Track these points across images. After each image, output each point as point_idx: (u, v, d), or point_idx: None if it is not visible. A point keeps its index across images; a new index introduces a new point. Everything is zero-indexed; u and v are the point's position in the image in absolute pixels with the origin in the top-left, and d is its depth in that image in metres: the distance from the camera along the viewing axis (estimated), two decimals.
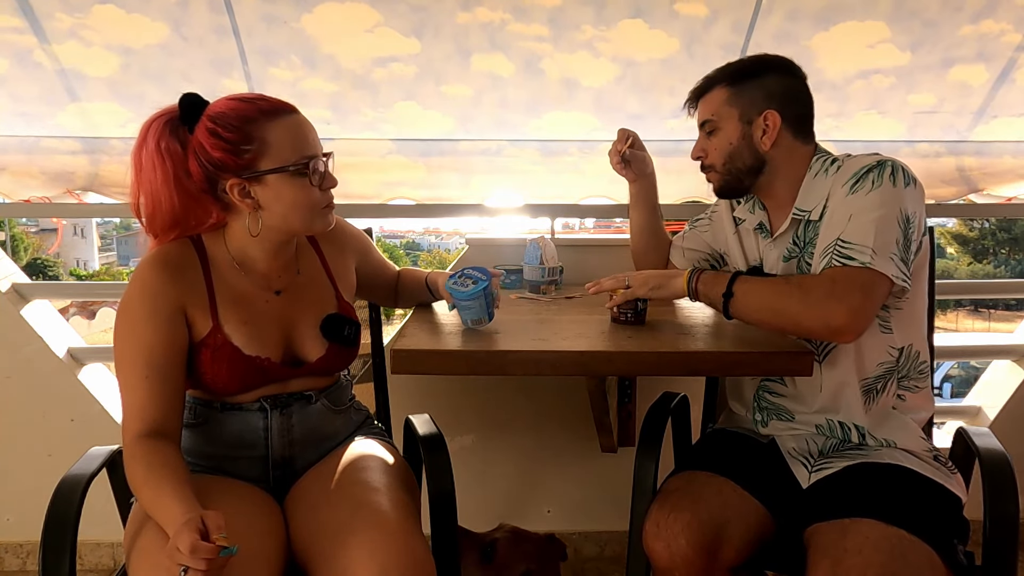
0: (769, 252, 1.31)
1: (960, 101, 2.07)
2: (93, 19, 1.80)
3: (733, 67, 1.28)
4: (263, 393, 1.15)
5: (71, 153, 2.00)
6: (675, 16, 1.85)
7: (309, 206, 1.11)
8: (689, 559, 1.08)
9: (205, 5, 1.80)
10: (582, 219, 3.36)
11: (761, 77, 1.24)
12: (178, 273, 1.10)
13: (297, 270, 1.22)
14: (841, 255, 1.11)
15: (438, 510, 1.15)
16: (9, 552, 2.01)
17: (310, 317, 1.19)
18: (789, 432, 1.28)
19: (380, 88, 2.00)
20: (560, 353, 1.09)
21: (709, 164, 1.30)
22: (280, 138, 1.07)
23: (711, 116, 1.28)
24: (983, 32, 1.91)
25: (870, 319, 1.10)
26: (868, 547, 0.99)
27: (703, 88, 1.30)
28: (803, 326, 1.10)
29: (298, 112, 1.11)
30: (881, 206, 1.10)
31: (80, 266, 34.38)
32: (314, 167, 1.09)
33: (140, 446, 1.01)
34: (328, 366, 1.19)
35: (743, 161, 1.25)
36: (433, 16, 1.85)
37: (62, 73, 1.90)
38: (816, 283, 1.11)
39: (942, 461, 1.20)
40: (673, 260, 1.58)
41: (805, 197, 1.23)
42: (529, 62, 1.95)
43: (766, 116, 1.22)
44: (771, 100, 1.23)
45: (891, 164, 1.13)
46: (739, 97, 1.24)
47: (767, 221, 1.32)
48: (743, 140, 1.24)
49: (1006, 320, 22.99)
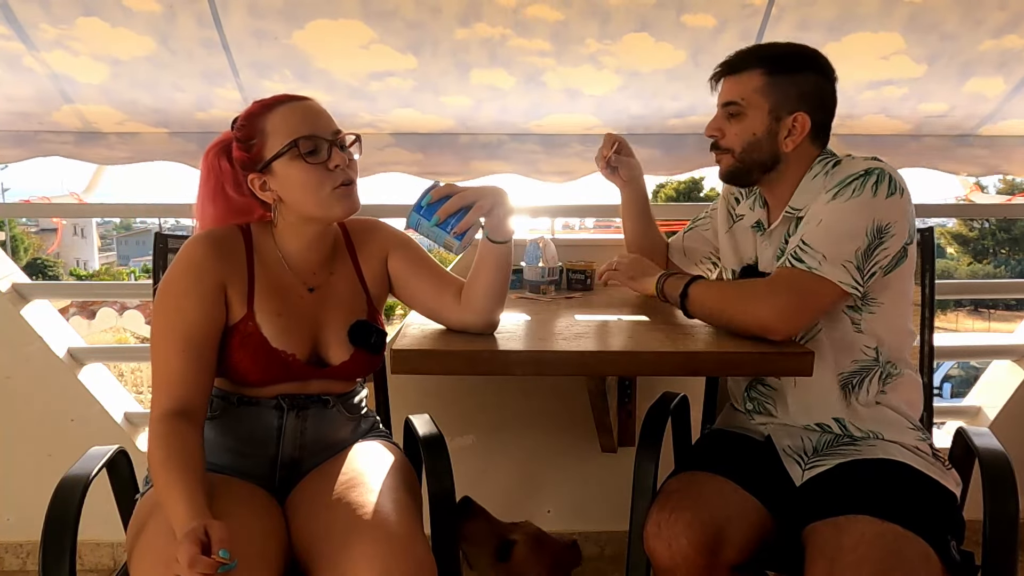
0: (764, 250, 1.31)
1: (971, 108, 2.05)
2: (78, 31, 1.76)
3: (773, 53, 1.22)
4: (282, 391, 1.15)
5: (65, 144, 1.99)
6: (682, 28, 1.81)
7: (315, 187, 1.10)
8: (690, 559, 1.08)
9: (192, 20, 1.75)
10: (582, 219, 3.35)
11: (800, 73, 1.20)
12: (223, 253, 1.13)
13: (331, 270, 1.22)
14: (795, 256, 1.15)
15: (438, 510, 1.15)
16: (9, 552, 2.01)
17: (339, 320, 1.19)
18: (783, 429, 1.28)
19: (377, 98, 1.97)
20: (560, 353, 1.09)
21: (725, 147, 1.26)
22: (277, 125, 1.10)
23: (739, 99, 1.22)
24: (1006, 47, 1.85)
25: (803, 320, 1.15)
26: (864, 544, 1.00)
27: (737, 65, 1.23)
28: (737, 323, 1.16)
29: (306, 99, 1.14)
30: (852, 215, 1.12)
31: (80, 266, 34.38)
32: (308, 146, 1.09)
33: (164, 425, 1.02)
34: (351, 371, 1.19)
35: (760, 155, 1.23)
36: (430, 32, 1.80)
37: (54, 77, 1.88)
38: (755, 286, 1.19)
39: (937, 456, 1.21)
40: (674, 260, 1.58)
41: (799, 196, 1.23)
42: (531, 76, 1.92)
43: (796, 118, 1.19)
44: (803, 101, 1.19)
45: (877, 173, 1.13)
46: (773, 89, 1.20)
47: (765, 219, 1.32)
48: (767, 135, 1.21)
49: (1006, 320, 22.98)
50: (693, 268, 1.55)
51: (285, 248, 1.19)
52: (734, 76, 1.24)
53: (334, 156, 1.11)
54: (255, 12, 1.74)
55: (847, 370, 1.23)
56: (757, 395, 1.33)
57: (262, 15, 1.75)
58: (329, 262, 1.23)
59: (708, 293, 1.21)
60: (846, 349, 1.23)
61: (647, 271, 1.36)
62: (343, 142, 1.14)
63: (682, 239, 1.57)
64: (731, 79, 1.24)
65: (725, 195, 1.47)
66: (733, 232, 1.41)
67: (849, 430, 1.23)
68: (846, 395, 1.24)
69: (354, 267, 1.25)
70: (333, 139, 1.12)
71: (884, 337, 1.23)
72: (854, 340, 1.23)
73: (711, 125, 1.28)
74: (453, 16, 1.77)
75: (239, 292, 1.12)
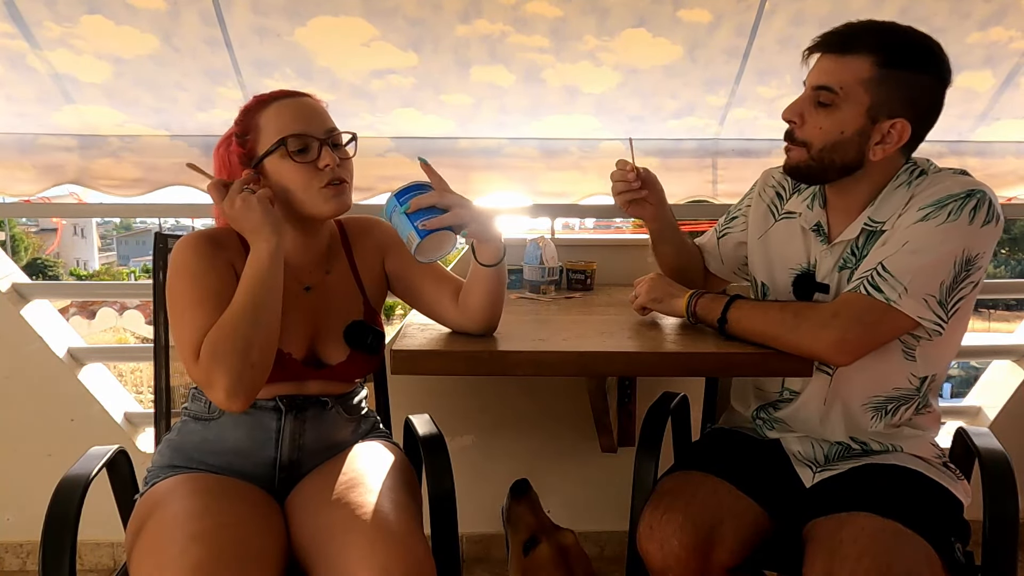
0: (824, 258, 1.17)
1: (964, 106, 2.05)
2: (82, 29, 1.77)
3: (893, 40, 1.03)
4: (280, 391, 1.14)
5: (66, 149, 1.99)
6: (678, 23, 1.82)
7: (304, 186, 1.09)
8: (682, 560, 1.07)
9: (196, 17, 1.76)
10: (582, 219, 3.36)
11: (916, 72, 1.02)
12: (221, 249, 1.11)
13: (328, 269, 1.21)
14: (872, 283, 1.04)
15: (438, 510, 1.15)
16: (9, 552, 2.01)
17: (335, 320, 1.18)
18: (794, 436, 1.26)
19: (378, 96, 1.98)
20: (560, 353, 1.09)
21: (802, 139, 1.09)
22: (269, 122, 1.10)
23: (836, 87, 1.03)
24: (992, 40, 1.88)
25: (863, 352, 1.05)
26: (864, 537, 0.99)
27: (845, 45, 1.03)
28: (789, 349, 1.06)
29: (303, 96, 1.13)
30: (943, 243, 1.01)
31: (80, 266, 34.39)
32: (297, 145, 1.08)
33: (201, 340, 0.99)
34: (348, 373, 1.18)
35: (843, 156, 1.06)
36: (431, 29, 1.81)
37: (56, 77, 1.88)
38: (813, 312, 1.06)
39: (950, 468, 1.19)
40: (711, 268, 1.43)
41: (880, 208, 1.10)
42: (530, 72, 1.93)
43: (895, 124, 1.03)
44: (910, 107, 1.03)
45: (977, 198, 1.00)
46: (881, 85, 1.01)
47: (826, 223, 1.17)
48: (857, 136, 1.04)
49: (1006, 320, 22.97)
50: (732, 276, 1.43)
51: None
52: (838, 56, 1.03)
53: (324, 155, 1.09)
54: (258, 9, 1.75)
55: (883, 395, 1.17)
56: (767, 416, 1.29)
57: (265, 12, 1.76)
58: (325, 261, 1.21)
59: (753, 316, 1.09)
60: (889, 375, 1.15)
61: (670, 291, 1.22)
62: (337, 141, 1.13)
63: (717, 244, 1.40)
64: (832, 58, 1.04)
65: (763, 188, 1.30)
66: (770, 235, 1.26)
67: (870, 447, 1.20)
68: (873, 419, 1.18)
69: (350, 266, 1.23)
70: (326, 138, 1.11)
71: (935, 364, 1.15)
72: (902, 368, 1.15)
73: (792, 108, 1.09)
74: (454, 13, 1.78)
75: None
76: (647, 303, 1.25)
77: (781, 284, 1.25)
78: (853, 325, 1.03)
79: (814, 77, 1.07)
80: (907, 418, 1.19)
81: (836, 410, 1.21)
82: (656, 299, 1.24)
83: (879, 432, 1.20)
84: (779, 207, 1.26)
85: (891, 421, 1.19)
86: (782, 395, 1.26)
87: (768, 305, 1.13)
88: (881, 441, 1.20)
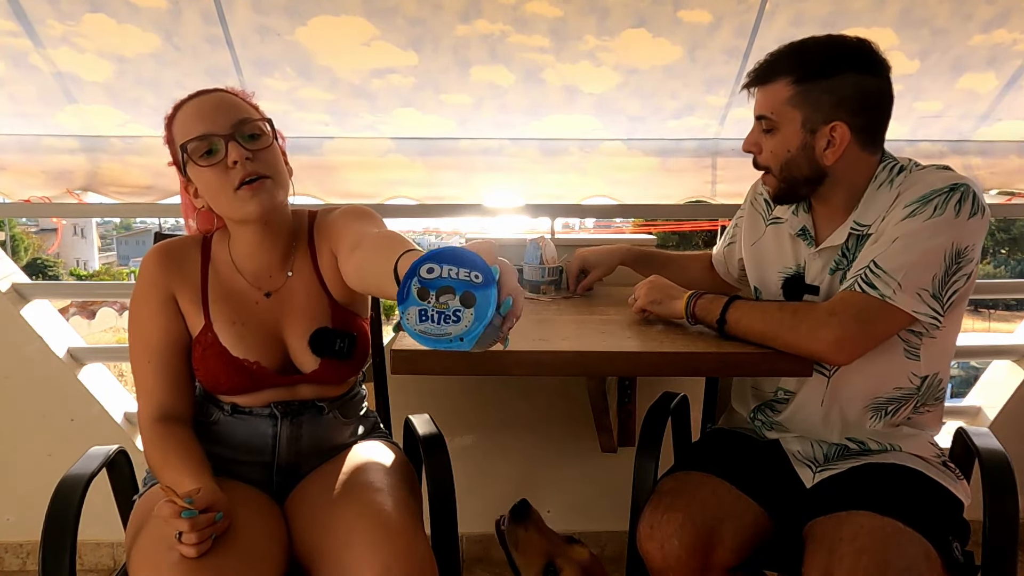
0: (813, 261, 1.21)
1: (966, 107, 2.05)
2: (84, 27, 1.77)
3: (803, 58, 1.10)
4: (273, 398, 1.14)
5: (70, 152, 1.99)
6: (678, 24, 1.82)
7: (217, 190, 1.04)
8: (682, 560, 1.08)
9: (198, 15, 1.76)
10: (582, 219, 3.36)
11: (834, 77, 1.08)
12: (174, 264, 1.12)
13: (289, 270, 1.15)
14: (866, 280, 1.06)
15: (438, 510, 1.15)
16: (9, 552, 2.01)
17: (300, 327, 1.13)
18: (792, 435, 1.27)
19: (378, 96, 1.98)
20: (560, 353, 1.09)
21: (763, 165, 1.18)
22: (178, 130, 1.08)
23: (769, 114, 1.12)
24: (995, 42, 1.87)
25: (862, 350, 1.07)
26: (863, 535, 1.00)
27: (764, 76, 1.13)
28: (787, 349, 1.08)
29: (204, 94, 1.07)
30: (932, 237, 1.03)
31: (80, 266, 34.38)
32: (200, 148, 1.03)
33: (154, 430, 1.04)
34: (324, 378, 1.15)
35: (800, 171, 1.13)
36: (431, 29, 1.81)
37: (59, 76, 1.88)
38: (811, 311, 1.08)
39: (950, 467, 1.20)
40: (724, 278, 1.52)
41: (865, 210, 1.13)
42: (530, 72, 1.93)
43: (833, 128, 1.08)
44: (841, 108, 1.08)
45: (961, 191, 1.04)
46: (804, 99, 1.09)
47: (811, 227, 1.21)
48: (802, 150, 1.11)
49: (1006, 320, 22.97)
50: (743, 284, 1.46)
51: (235, 253, 1.14)
52: (763, 87, 1.13)
53: (231, 152, 1.02)
54: (259, 8, 1.75)
55: (884, 395, 1.18)
56: (765, 417, 1.30)
57: (266, 11, 1.76)
58: (286, 261, 1.15)
59: (751, 316, 1.11)
60: (891, 375, 1.17)
61: (669, 293, 1.24)
62: (251, 132, 1.05)
63: (723, 254, 1.49)
64: (761, 90, 1.14)
65: (753, 197, 1.36)
66: (761, 242, 1.31)
67: (868, 446, 1.21)
68: (873, 419, 1.20)
69: (313, 265, 1.16)
70: (231, 132, 1.03)
71: (936, 362, 1.16)
72: (903, 367, 1.16)
73: (748, 139, 1.19)
74: (454, 12, 1.78)
75: (192, 302, 1.11)
76: (646, 306, 1.26)
77: (771, 286, 1.29)
78: (850, 323, 1.05)
79: (755, 109, 1.16)
80: (906, 417, 1.20)
81: (834, 412, 1.21)
82: (655, 301, 1.25)
83: (877, 431, 1.20)
84: (767, 214, 1.32)
85: (891, 421, 1.20)
86: (777, 395, 1.27)
87: (766, 305, 1.15)
88: (879, 440, 1.20)
